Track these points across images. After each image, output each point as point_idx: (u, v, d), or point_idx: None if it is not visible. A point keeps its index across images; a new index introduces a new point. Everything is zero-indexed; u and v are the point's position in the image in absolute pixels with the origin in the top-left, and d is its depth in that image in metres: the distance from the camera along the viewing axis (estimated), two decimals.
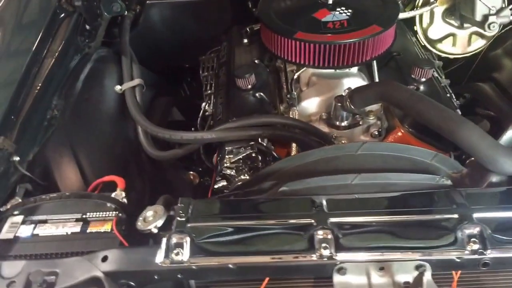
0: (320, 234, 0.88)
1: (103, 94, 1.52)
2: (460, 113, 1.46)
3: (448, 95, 1.41)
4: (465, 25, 1.69)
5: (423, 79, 1.39)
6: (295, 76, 1.44)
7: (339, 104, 1.28)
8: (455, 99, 1.46)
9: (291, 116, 1.34)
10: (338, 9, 1.39)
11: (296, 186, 1.02)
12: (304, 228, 0.90)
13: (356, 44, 1.30)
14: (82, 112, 1.41)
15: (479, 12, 1.55)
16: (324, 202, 0.94)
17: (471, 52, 1.77)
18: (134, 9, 1.87)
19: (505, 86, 1.63)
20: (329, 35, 1.31)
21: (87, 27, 1.61)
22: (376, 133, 1.34)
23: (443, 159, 1.06)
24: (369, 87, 1.24)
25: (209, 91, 1.59)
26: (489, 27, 1.55)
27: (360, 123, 1.34)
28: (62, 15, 1.51)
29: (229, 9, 1.90)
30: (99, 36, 1.70)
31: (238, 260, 0.87)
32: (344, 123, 1.33)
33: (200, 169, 1.56)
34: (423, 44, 1.74)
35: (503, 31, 1.73)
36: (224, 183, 1.19)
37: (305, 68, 1.42)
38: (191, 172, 1.54)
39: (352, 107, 1.26)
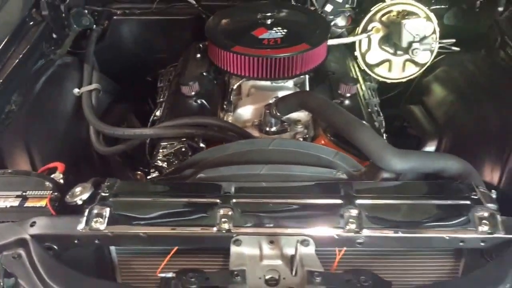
0: (221, 211, 1.02)
1: (62, 95, 1.67)
2: (383, 129, 1.64)
3: (369, 110, 1.57)
4: (398, 52, 1.88)
5: (348, 94, 1.55)
6: (234, 87, 1.61)
7: (268, 111, 1.44)
8: (380, 116, 1.64)
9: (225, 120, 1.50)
10: (274, 29, 1.57)
11: (212, 173, 1.17)
12: (209, 206, 1.04)
13: (285, 59, 1.47)
14: (39, 110, 1.55)
15: (405, 39, 1.74)
16: (232, 187, 1.09)
17: (406, 77, 1.94)
18: (103, 23, 2.05)
19: (430, 109, 1.80)
20: (262, 49, 1.48)
21: (54, 35, 1.77)
22: (301, 140, 1.49)
23: (345, 157, 1.22)
24: (291, 96, 1.40)
25: (161, 99, 1.75)
26: (413, 53, 1.74)
27: (288, 130, 1.50)
28: (31, 23, 1.68)
29: (190, 27, 2.08)
30: (66, 45, 1.87)
31: (149, 229, 1.01)
32: (273, 129, 1.48)
33: (147, 170, 1.70)
34: (362, 68, 1.93)
35: (436, 59, 1.92)
36: (156, 174, 1.33)
37: (243, 79, 1.59)
38: (138, 172, 1.68)
39: (278, 113, 1.42)
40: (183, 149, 1.34)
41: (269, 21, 1.59)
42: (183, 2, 2.04)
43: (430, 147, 1.65)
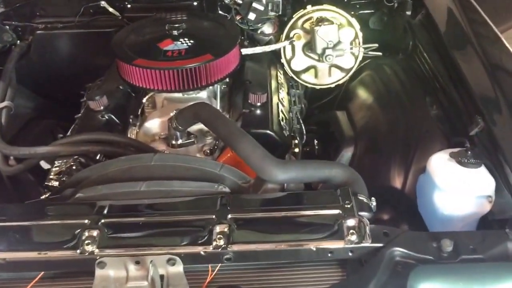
0: (86, 233, 0.98)
1: None
2: (304, 137, 1.62)
3: (286, 117, 1.55)
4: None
5: (258, 104, 1.53)
6: (144, 99, 1.57)
7: (170, 124, 1.41)
8: (298, 124, 1.62)
9: (128, 135, 1.46)
10: (181, 40, 1.54)
11: (90, 192, 1.13)
12: (76, 227, 1.00)
13: (188, 70, 1.44)
14: None
15: (319, 45, 1.72)
16: (106, 207, 1.05)
17: (333, 83, 1.92)
18: (27, 38, 2.01)
19: (352, 114, 1.78)
20: (163, 62, 1.45)
21: None
22: (208, 152, 1.46)
23: (231, 170, 1.19)
24: (187, 109, 1.37)
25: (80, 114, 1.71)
26: (326, 59, 1.72)
27: (195, 142, 1.47)
28: None
29: None
30: None
31: (8, 255, 0.97)
32: (179, 142, 1.45)
33: None
34: (290, 75, 1.91)
35: (362, 64, 1.91)
36: (48, 194, 1.29)
37: (153, 92, 1.56)
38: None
39: (179, 126, 1.39)
40: (74, 167, 1.30)
41: (175, 32, 1.56)
42: (106, 15, 2.01)
43: (347, 152, 1.63)
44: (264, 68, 1.80)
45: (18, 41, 1.99)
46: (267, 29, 1.97)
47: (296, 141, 1.60)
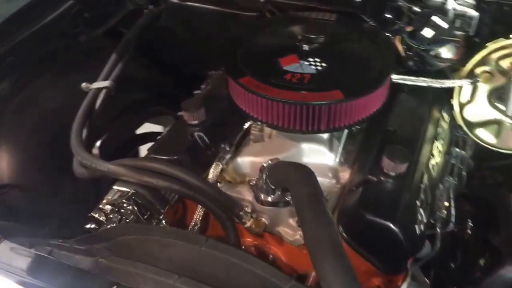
0: None
1: (69, 89, 1.43)
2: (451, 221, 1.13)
3: (426, 196, 1.07)
4: None
5: (393, 173, 1.06)
6: (246, 124, 1.21)
7: (260, 174, 1.04)
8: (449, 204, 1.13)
9: (212, 170, 1.13)
10: (310, 59, 1.12)
11: (117, 264, 0.83)
12: None
13: (303, 108, 1.03)
14: (32, 104, 1.35)
15: None
16: None
17: None
18: (160, 5, 1.77)
19: None
20: (276, 88, 1.06)
21: (86, 14, 1.54)
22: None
23: None
24: (281, 166, 0.97)
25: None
26: None
27: (291, 203, 1.07)
28: None
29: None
30: (107, 25, 1.63)
31: None
32: (269, 199, 1.07)
33: None
34: (459, 125, 1.37)
35: None
36: (94, 225, 1.03)
37: None
38: None
39: (269, 183, 1.01)
40: (125, 205, 1.01)
41: (306, 47, 1.14)
42: None
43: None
44: (423, 108, 1.29)
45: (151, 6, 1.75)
46: (446, 52, 1.41)
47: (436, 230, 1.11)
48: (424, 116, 1.26)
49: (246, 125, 1.23)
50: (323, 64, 1.11)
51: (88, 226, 1.05)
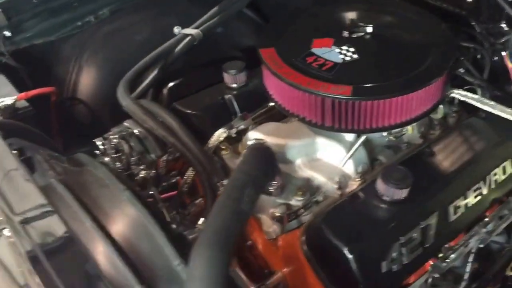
0: None
1: (162, 24, 1.48)
2: None
3: None
4: None
5: (386, 198, 0.90)
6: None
7: None
8: None
9: (216, 135, 1.10)
10: (344, 47, 1.00)
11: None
12: None
13: (299, 93, 0.93)
14: (122, 26, 1.46)
15: None
16: None
17: None
18: None
19: None
20: (286, 65, 0.97)
21: None
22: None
23: None
24: (253, 147, 0.90)
25: None
26: None
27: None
28: None
29: None
30: None
31: None
32: None
33: None
34: None
35: None
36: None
37: None
38: None
39: None
40: (124, 144, 1.07)
41: (346, 33, 1.01)
42: None
43: None
44: (485, 142, 1.06)
45: None
46: None
47: None
48: (481, 152, 1.03)
49: None
50: (354, 56, 0.98)
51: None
